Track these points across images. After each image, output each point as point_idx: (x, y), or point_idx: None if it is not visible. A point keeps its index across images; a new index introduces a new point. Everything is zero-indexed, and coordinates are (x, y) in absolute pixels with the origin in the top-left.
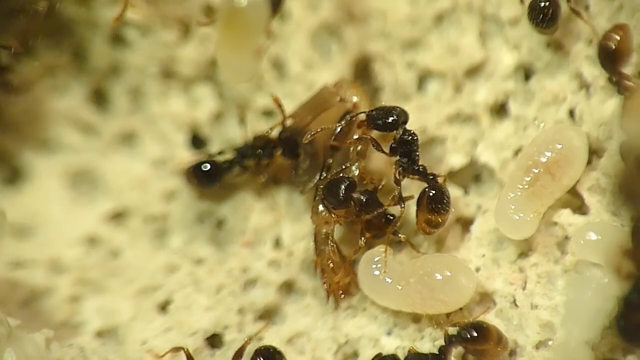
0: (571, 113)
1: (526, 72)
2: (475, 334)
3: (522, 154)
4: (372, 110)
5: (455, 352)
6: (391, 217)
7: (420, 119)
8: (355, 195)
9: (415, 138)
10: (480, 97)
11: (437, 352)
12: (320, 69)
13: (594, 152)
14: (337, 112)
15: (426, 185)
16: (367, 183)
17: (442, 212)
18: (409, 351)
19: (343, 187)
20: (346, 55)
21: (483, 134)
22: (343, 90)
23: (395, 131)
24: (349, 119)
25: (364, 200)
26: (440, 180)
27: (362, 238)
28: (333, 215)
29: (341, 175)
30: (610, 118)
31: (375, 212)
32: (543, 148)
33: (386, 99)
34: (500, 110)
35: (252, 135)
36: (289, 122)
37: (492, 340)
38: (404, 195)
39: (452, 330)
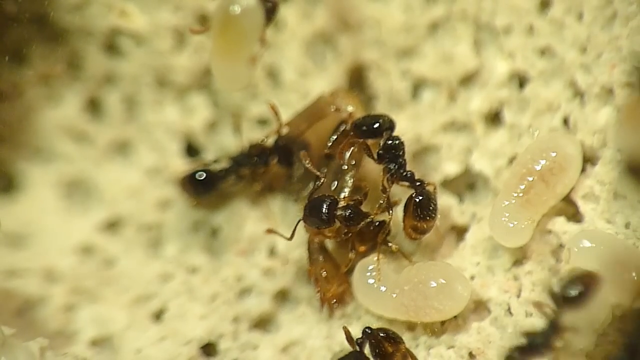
0: (565, 121)
1: (520, 80)
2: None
3: (517, 162)
4: (358, 118)
5: None
6: (382, 223)
7: (415, 127)
8: (338, 212)
9: (401, 143)
10: (475, 105)
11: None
12: (314, 78)
13: (588, 160)
14: (333, 122)
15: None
16: (363, 189)
17: (428, 218)
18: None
19: (325, 206)
20: (341, 63)
21: (477, 142)
22: (339, 99)
23: (380, 137)
24: (342, 129)
25: (348, 215)
26: (430, 188)
27: (353, 250)
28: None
29: (320, 194)
30: (604, 126)
31: (363, 223)
32: (537, 156)
33: (381, 108)
34: (494, 118)
35: (247, 143)
36: (284, 130)
37: (397, 353)
38: (392, 199)
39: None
